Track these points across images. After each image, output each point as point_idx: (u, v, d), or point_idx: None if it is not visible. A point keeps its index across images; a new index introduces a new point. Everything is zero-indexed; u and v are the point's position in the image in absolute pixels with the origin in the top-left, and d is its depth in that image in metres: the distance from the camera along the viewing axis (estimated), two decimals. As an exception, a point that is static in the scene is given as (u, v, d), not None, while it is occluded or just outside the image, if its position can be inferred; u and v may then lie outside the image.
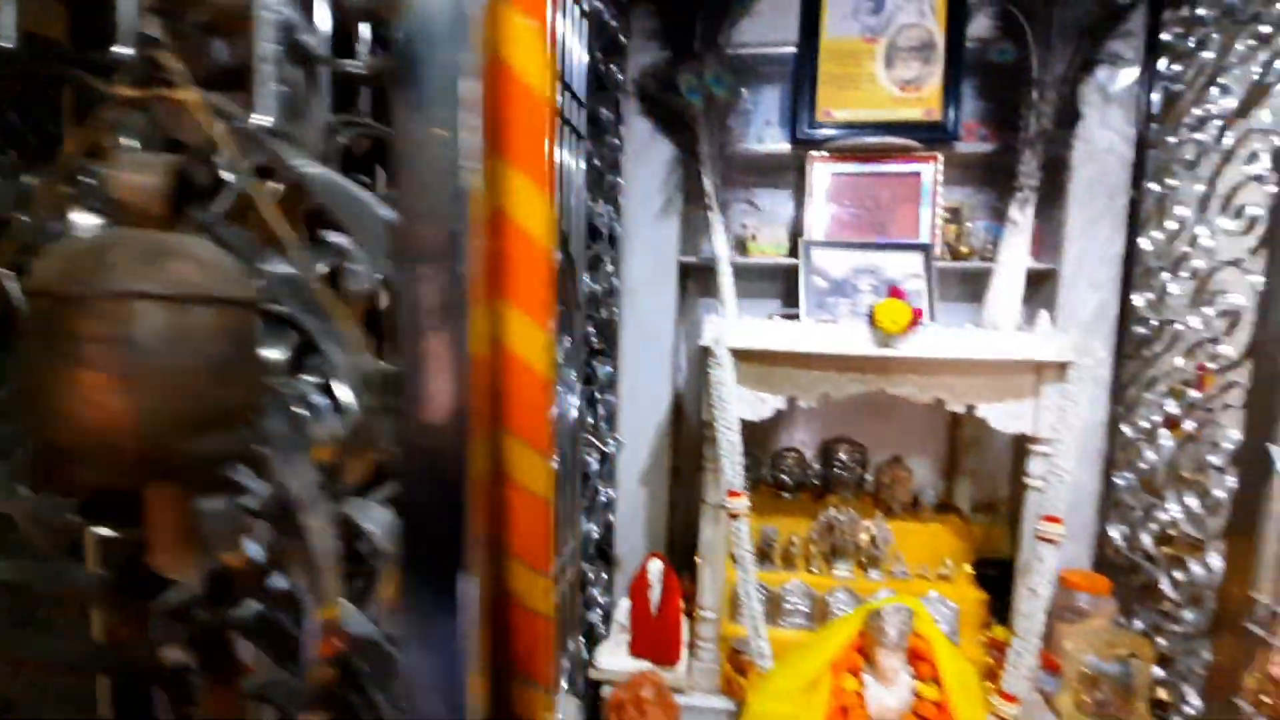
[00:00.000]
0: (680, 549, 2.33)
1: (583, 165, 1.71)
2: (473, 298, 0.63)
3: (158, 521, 0.65)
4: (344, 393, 0.71)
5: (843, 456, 2.45)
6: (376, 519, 0.72)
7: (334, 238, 0.75)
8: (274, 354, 0.73)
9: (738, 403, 1.81)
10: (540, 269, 0.65)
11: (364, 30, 0.86)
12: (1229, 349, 1.69)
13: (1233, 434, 1.66)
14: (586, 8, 1.68)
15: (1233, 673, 1.66)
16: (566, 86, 1.60)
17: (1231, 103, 1.73)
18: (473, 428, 0.61)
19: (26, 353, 0.60)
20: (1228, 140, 1.74)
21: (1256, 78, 1.65)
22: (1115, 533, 2.12)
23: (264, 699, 0.73)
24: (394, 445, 0.68)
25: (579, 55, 1.69)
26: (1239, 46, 1.72)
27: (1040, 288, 2.25)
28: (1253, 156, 1.65)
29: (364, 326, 0.75)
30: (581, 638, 2.00)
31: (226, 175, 0.73)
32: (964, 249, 2.26)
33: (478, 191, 0.65)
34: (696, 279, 2.48)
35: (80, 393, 0.57)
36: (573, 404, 1.68)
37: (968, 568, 2.21)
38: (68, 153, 0.74)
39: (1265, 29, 1.63)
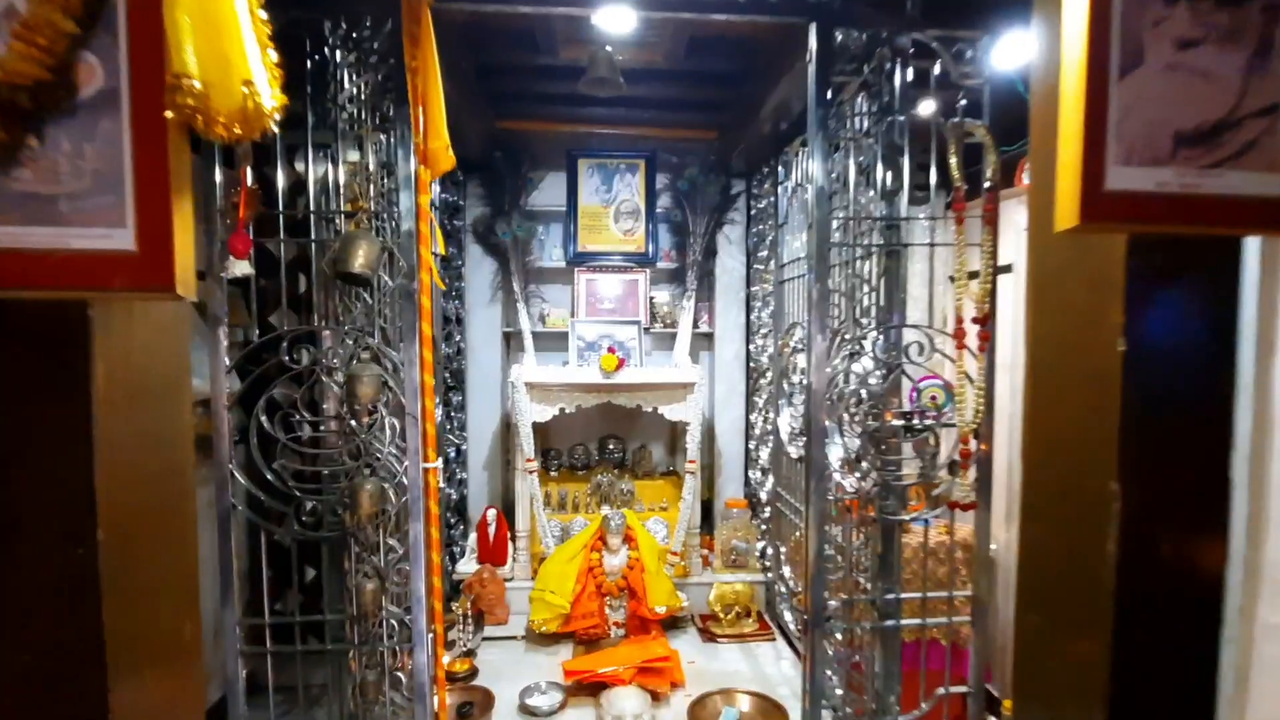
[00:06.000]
0: (508, 504, 3.78)
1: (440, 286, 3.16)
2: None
3: None
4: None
5: (611, 446, 4.04)
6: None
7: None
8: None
9: (530, 412, 3.33)
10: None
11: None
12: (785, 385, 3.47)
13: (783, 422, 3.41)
14: (438, 202, 3.15)
15: (779, 533, 3.38)
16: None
17: (765, 252, 3.54)
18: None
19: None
20: (771, 269, 3.55)
21: (768, 248, 3.47)
22: (751, 474, 3.86)
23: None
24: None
25: (437, 227, 3.15)
26: (766, 227, 3.54)
27: (711, 341, 4.00)
28: (770, 285, 3.45)
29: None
30: (448, 558, 3.38)
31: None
32: (669, 321, 3.96)
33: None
34: (517, 341, 3.99)
35: None
36: (439, 418, 3.09)
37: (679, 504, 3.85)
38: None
39: (771, 222, 3.45)
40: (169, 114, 0.70)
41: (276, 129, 0.77)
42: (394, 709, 1.88)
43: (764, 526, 3.59)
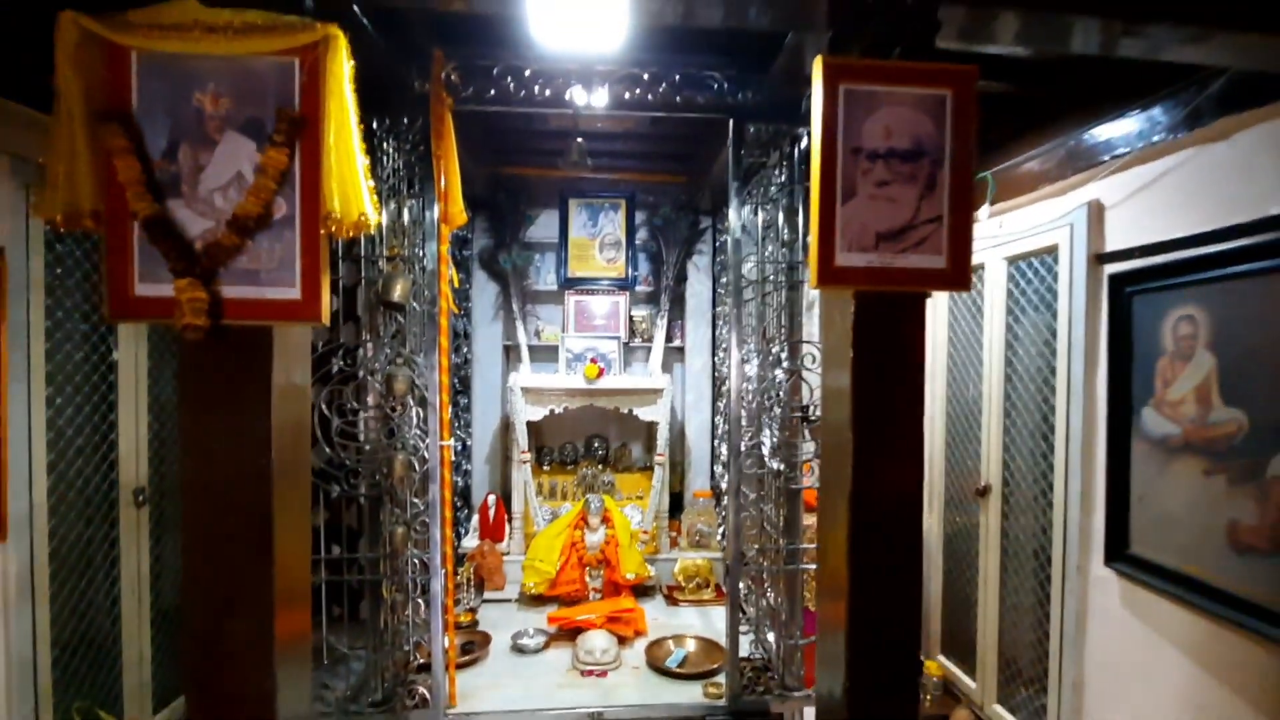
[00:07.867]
0: (506, 491, 4.40)
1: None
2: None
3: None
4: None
5: (596, 444, 4.67)
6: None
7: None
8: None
9: (525, 412, 3.96)
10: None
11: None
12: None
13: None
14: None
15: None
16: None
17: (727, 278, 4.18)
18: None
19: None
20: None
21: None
22: (716, 468, 4.48)
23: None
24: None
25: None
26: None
27: (683, 354, 4.65)
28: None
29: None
30: (455, 536, 4.00)
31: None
32: (646, 337, 4.61)
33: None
34: (515, 353, 4.64)
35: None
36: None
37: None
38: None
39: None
40: (322, 231, 1.34)
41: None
42: (414, 627, 2.51)
43: (723, 512, 4.20)
